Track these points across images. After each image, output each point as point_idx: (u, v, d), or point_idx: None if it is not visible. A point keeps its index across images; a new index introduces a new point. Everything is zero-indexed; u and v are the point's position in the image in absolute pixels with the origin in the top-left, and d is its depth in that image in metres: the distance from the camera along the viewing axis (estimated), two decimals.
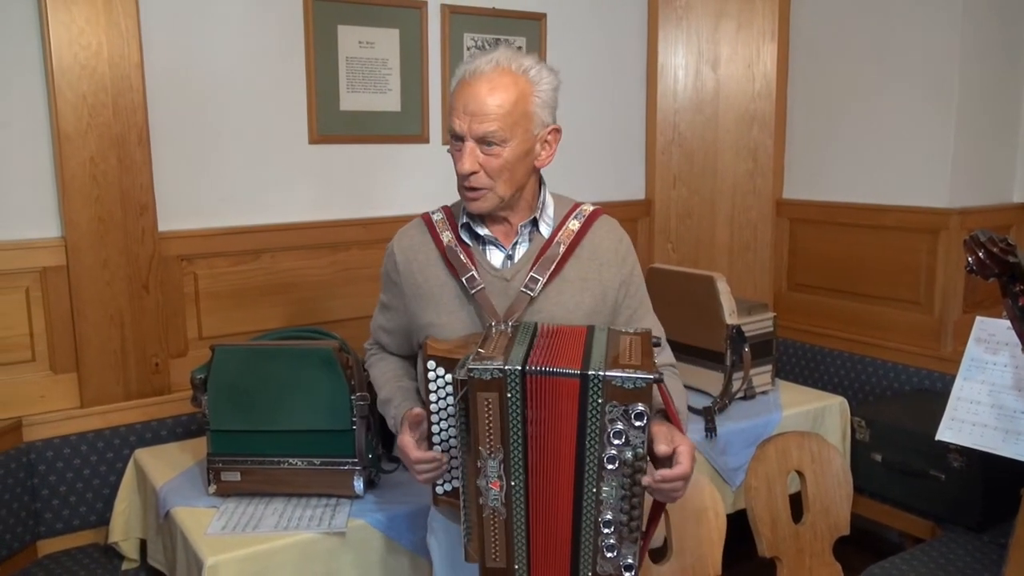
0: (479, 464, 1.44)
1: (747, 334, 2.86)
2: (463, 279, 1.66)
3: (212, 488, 2.21)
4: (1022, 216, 3.40)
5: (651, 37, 3.75)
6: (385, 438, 2.41)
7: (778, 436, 2.27)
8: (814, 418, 2.94)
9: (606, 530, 1.45)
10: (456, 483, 1.63)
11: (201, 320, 2.83)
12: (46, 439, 2.54)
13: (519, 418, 1.42)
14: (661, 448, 1.47)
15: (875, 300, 3.46)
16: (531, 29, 3.40)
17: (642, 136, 3.81)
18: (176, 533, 2.12)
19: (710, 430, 2.70)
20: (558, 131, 1.67)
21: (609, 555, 1.46)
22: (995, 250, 1.63)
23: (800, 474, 2.24)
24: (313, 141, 2.99)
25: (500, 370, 1.39)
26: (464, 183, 1.62)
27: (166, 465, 2.42)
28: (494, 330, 1.55)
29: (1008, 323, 1.79)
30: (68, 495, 2.56)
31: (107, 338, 2.63)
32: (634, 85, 3.76)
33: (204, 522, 2.08)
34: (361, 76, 3.04)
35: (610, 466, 1.42)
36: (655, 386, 1.40)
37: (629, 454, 1.41)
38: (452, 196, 1.76)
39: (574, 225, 1.72)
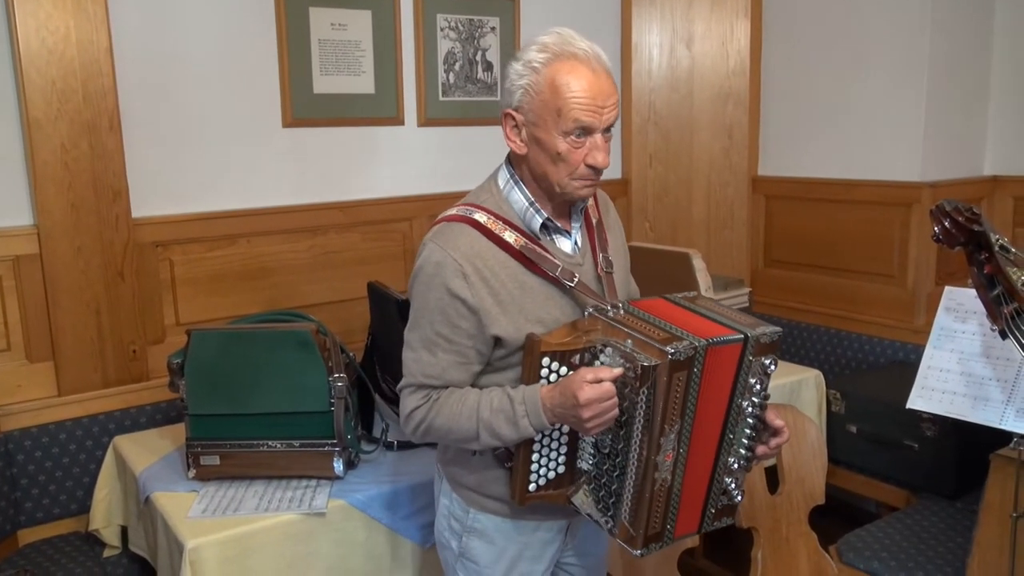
0: (661, 441, 1.45)
1: None
2: (555, 274, 1.58)
3: (192, 472, 2.21)
4: (992, 188, 3.44)
5: (625, 15, 3.75)
6: (364, 419, 2.42)
7: None
8: (790, 391, 2.97)
9: (733, 466, 1.58)
10: (552, 474, 1.58)
11: (178, 306, 2.82)
12: (24, 428, 2.53)
13: (696, 389, 1.47)
14: (777, 422, 1.60)
15: (849, 274, 3.49)
16: (505, 10, 3.39)
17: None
18: (157, 518, 2.13)
19: None
20: None
21: (731, 488, 1.59)
22: (960, 219, 1.64)
23: None
24: (287, 125, 2.97)
25: (692, 347, 1.43)
26: (591, 174, 1.56)
27: (146, 451, 2.42)
28: (611, 312, 1.54)
29: (976, 292, 1.81)
30: (48, 484, 2.56)
31: (83, 326, 2.62)
32: (609, 64, 3.75)
33: (185, 506, 2.08)
34: (334, 59, 3.02)
35: (749, 410, 1.55)
36: None
37: (757, 399, 1.54)
38: (429, 177, 1.75)
39: (590, 201, 1.73)
